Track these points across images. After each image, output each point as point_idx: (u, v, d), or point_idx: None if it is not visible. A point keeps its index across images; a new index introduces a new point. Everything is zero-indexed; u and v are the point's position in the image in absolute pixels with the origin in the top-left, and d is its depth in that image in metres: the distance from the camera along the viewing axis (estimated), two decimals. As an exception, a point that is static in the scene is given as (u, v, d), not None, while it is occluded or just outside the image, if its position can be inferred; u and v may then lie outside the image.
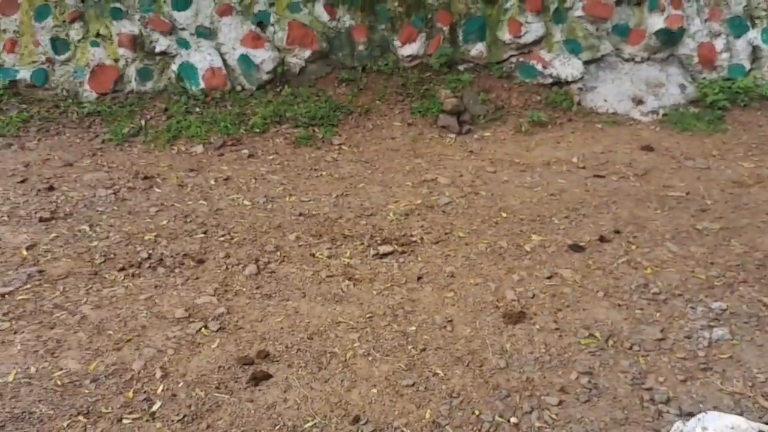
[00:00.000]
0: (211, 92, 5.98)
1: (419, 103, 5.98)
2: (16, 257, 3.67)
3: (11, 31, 6.03)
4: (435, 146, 5.45)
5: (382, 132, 5.69)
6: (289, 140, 5.45)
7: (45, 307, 3.20)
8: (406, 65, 6.36)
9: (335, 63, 6.36)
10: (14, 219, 4.11)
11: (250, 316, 3.15)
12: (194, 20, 6.08)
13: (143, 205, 4.33)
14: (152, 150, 5.26)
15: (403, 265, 3.61)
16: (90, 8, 6.02)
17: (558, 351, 2.89)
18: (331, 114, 5.79)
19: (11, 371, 2.73)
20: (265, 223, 4.09)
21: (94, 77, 5.96)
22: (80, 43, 6.02)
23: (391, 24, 6.33)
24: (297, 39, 6.18)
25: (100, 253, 3.72)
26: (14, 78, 5.95)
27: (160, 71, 6.07)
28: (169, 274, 3.52)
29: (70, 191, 4.52)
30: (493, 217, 4.18)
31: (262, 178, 4.77)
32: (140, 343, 2.94)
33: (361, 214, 4.21)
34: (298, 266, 3.59)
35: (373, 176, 4.85)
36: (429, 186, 4.67)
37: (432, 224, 4.08)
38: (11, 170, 4.85)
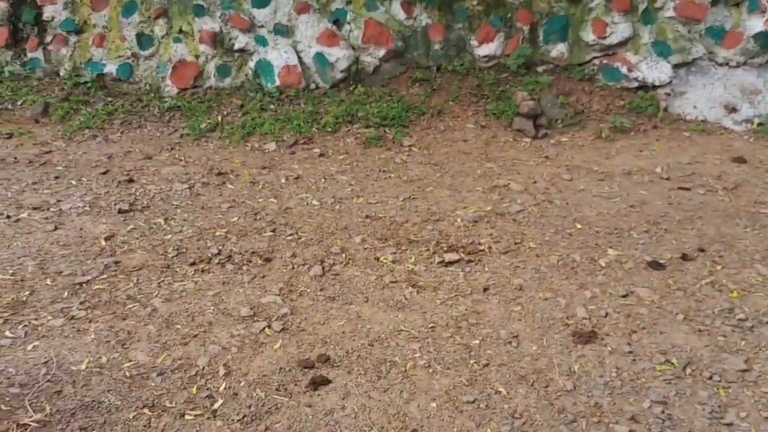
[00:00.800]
0: (286, 90, 6.05)
1: (494, 105, 5.83)
2: (95, 247, 3.83)
3: (100, 26, 6.32)
4: (508, 150, 5.29)
5: (454, 134, 5.58)
6: (359, 140, 5.44)
7: (119, 298, 3.32)
8: (482, 66, 6.22)
9: (409, 62, 6.30)
10: (95, 209, 4.30)
11: (313, 318, 3.15)
12: (272, 18, 6.17)
13: (216, 200, 4.43)
14: (227, 146, 5.38)
15: (469, 274, 3.52)
16: (174, 5, 6.22)
17: (630, 376, 2.72)
18: (403, 114, 5.74)
19: (84, 359, 2.84)
20: (332, 223, 4.09)
21: (176, 73, 6.16)
22: (164, 39, 6.24)
23: (468, 23, 6.20)
24: (372, 38, 6.16)
25: (173, 246, 3.83)
26: (101, 71, 6.24)
27: (237, 68, 6.20)
28: (236, 271, 3.58)
29: (149, 184, 4.68)
30: (566, 227, 4.01)
31: (332, 178, 4.78)
32: (206, 339, 3.00)
33: (428, 219, 4.14)
34: (362, 270, 3.56)
35: (443, 180, 4.77)
36: (500, 192, 4.54)
37: (501, 233, 3.95)
38: (95, 161, 5.09)
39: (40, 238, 3.92)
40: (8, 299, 3.28)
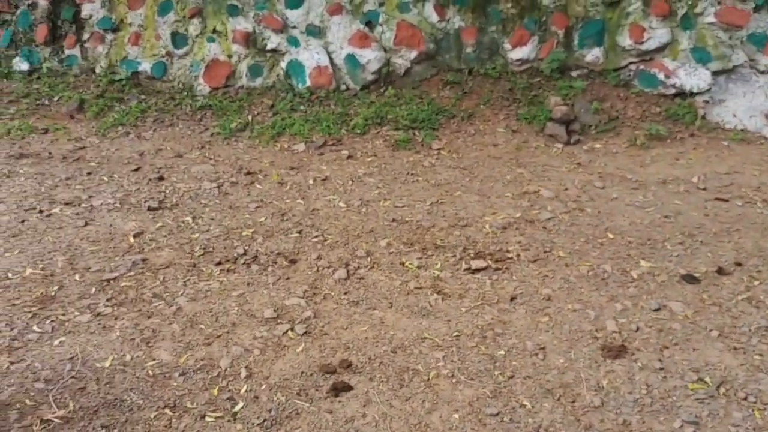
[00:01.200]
0: (317, 91, 6.06)
1: (526, 109, 5.74)
2: (124, 244, 3.86)
3: (136, 24, 6.41)
4: (540, 156, 5.20)
5: (485, 138, 5.51)
6: (388, 142, 5.40)
7: (145, 295, 3.34)
8: (515, 69, 6.13)
9: (441, 65, 6.25)
10: (126, 206, 4.35)
11: (336, 322, 3.12)
12: (305, 19, 6.18)
13: (244, 200, 4.44)
14: (257, 146, 5.40)
15: (496, 282, 3.45)
16: (209, 5, 6.27)
17: (661, 394, 2.63)
18: (433, 117, 5.69)
19: (109, 357, 2.86)
20: (358, 226, 4.07)
21: (209, 72, 6.21)
22: (198, 39, 6.30)
23: (502, 26, 6.12)
24: (404, 39, 6.12)
25: (200, 245, 3.84)
26: (136, 69, 6.33)
27: (269, 68, 6.23)
28: (262, 272, 3.57)
29: (178, 182, 4.72)
30: (598, 237, 3.92)
31: (359, 180, 4.75)
32: (229, 340, 2.99)
33: (456, 224, 4.08)
34: (387, 274, 3.53)
35: (471, 184, 4.70)
36: (530, 198, 4.45)
37: (530, 240, 3.88)
38: (127, 158, 5.15)
39: (70, 233, 3.98)
40: (38, 293, 3.32)
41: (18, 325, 3.04)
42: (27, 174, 4.87)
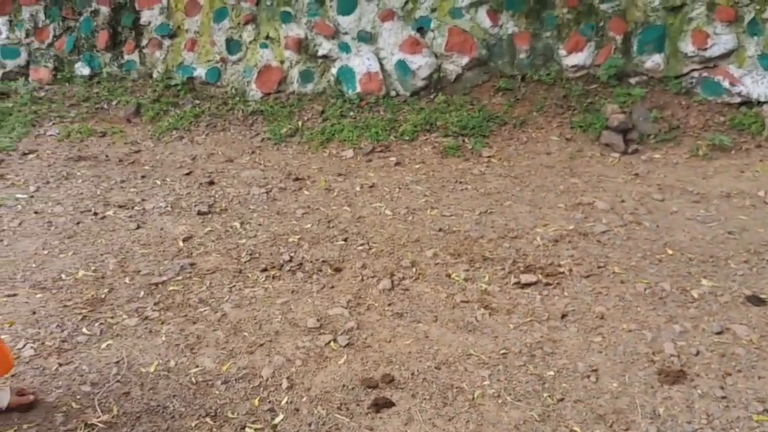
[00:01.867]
0: (367, 97, 6.03)
1: (581, 117, 5.56)
2: (173, 248, 3.91)
3: (193, 31, 6.54)
4: (595, 166, 5.02)
5: (537, 146, 5.36)
6: (437, 149, 5.32)
7: (191, 300, 3.36)
8: (570, 76, 5.96)
9: (493, 71, 6.13)
10: (176, 210, 4.41)
11: (380, 334, 3.06)
12: (357, 25, 6.17)
13: (291, 206, 4.44)
14: (306, 151, 5.41)
15: (546, 298, 3.33)
16: (263, 11, 6.34)
17: (722, 425, 2.46)
18: (484, 124, 5.57)
19: (154, 362, 2.88)
20: (404, 235, 4.00)
21: (261, 77, 6.28)
22: (251, 45, 6.37)
23: (557, 31, 5.96)
24: (456, 45, 6.03)
25: (246, 251, 3.86)
26: (191, 75, 6.46)
27: (320, 74, 6.24)
28: (306, 280, 3.55)
29: (228, 187, 4.76)
30: (656, 253, 3.73)
31: (406, 188, 4.69)
32: (271, 349, 2.97)
33: (505, 236, 3.96)
34: (433, 286, 3.45)
35: (522, 194, 4.57)
36: (584, 210, 4.29)
37: (584, 254, 3.73)
38: (180, 162, 5.24)
39: (122, 236, 4.06)
40: (89, 296, 3.39)
41: (68, 326, 3.10)
42: (84, 176, 5.01)
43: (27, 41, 6.83)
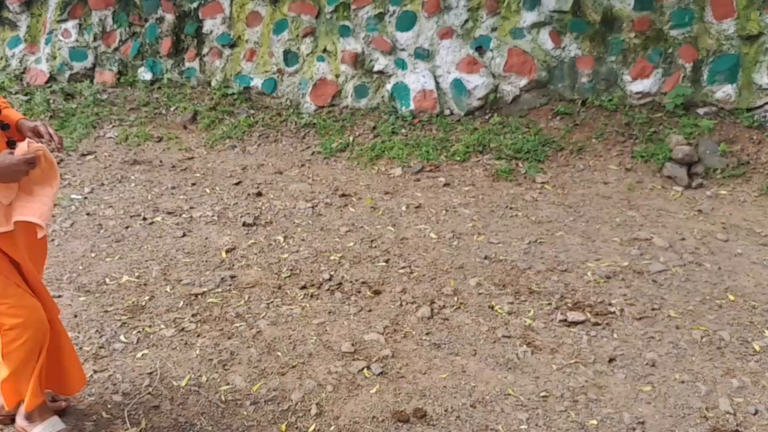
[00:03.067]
0: (420, 114, 5.96)
1: (643, 146, 5.32)
2: (216, 258, 3.92)
3: (252, 41, 6.62)
4: (655, 199, 4.78)
5: (594, 175, 5.16)
6: (488, 172, 5.19)
7: (228, 314, 3.34)
8: (633, 103, 5.72)
9: (552, 94, 5.95)
10: (222, 220, 4.43)
11: (415, 365, 2.96)
12: (414, 41, 6.11)
13: (335, 223, 4.39)
14: (354, 167, 5.37)
15: (594, 339, 3.15)
16: (322, 25, 6.37)
17: (784, 498, 2.24)
18: (539, 148, 5.41)
19: (186, 376, 2.85)
20: (448, 261, 3.88)
21: (316, 90, 6.29)
22: (308, 57, 6.40)
23: (622, 56, 5.74)
24: (515, 66, 5.90)
25: (287, 266, 3.82)
26: (248, 84, 6.53)
27: (375, 89, 6.21)
28: (344, 301, 3.48)
29: (275, 199, 4.76)
30: (716, 297, 3.49)
31: (453, 211, 4.57)
32: (303, 371, 2.91)
33: (554, 268, 3.80)
34: (474, 318, 3.31)
35: (575, 225, 4.39)
36: (641, 246, 4.08)
37: (637, 294, 3.52)
38: (230, 171, 5.28)
39: (168, 243, 4.09)
40: (130, 302, 3.41)
41: (107, 333, 3.12)
42: (137, 180, 5.11)
43: (94, 45, 7.07)
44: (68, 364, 2.40)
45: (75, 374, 2.43)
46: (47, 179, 2.14)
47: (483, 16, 6.00)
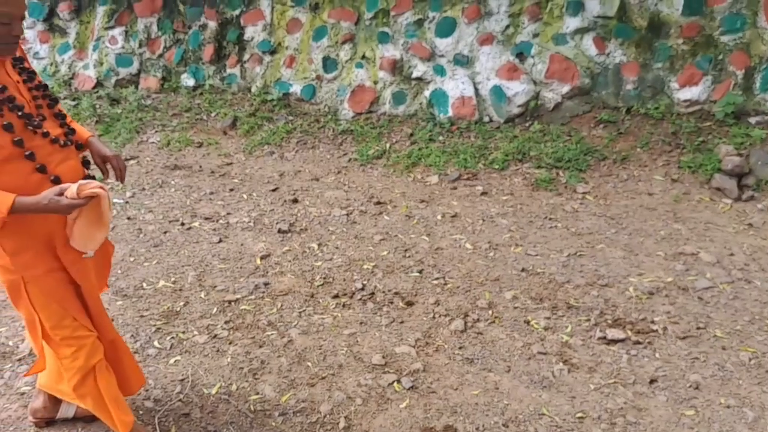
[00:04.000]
0: (458, 121, 5.88)
1: (690, 156, 5.12)
2: (251, 265, 3.93)
3: (292, 48, 6.67)
4: (702, 211, 4.59)
5: (638, 185, 4.99)
6: (527, 181, 5.07)
7: (260, 322, 3.34)
8: (681, 111, 5.52)
9: (596, 101, 5.80)
10: (258, 226, 4.45)
11: (446, 380, 2.89)
12: (454, 48, 6.04)
13: (370, 231, 4.36)
14: (390, 174, 5.33)
15: (634, 358, 3.02)
16: (361, 31, 6.36)
17: None
18: (581, 157, 5.26)
19: (216, 384, 2.86)
20: (483, 272, 3.80)
21: (354, 97, 6.28)
22: (347, 64, 6.40)
23: (670, 63, 5.55)
24: (557, 73, 5.77)
25: (321, 275, 3.81)
26: (287, 91, 6.58)
27: (413, 96, 6.17)
28: (376, 312, 3.44)
29: (311, 206, 4.76)
30: (766, 317, 3.32)
31: (490, 220, 4.48)
32: (333, 383, 2.88)
33: (594, 283, 3.67)
34: (509, 332, 3.23)
35: (617, 237, 4.25)
36: (686, 261, 3.91)
37: (681, 312, 3.38)
38: (268, 178, 5.31)
39: (204, 248, 4.13)
40: (165, 307, 3.45)
41: (142, 338, 3.16)
42: (177, 185, 5.18)
43: (140, 51, 7.24)
44: (128, 371, 2.42)
45: (134, 376, 2.46)
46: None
47: (524, 22, 5.89)
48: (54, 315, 2.12)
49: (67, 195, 1.84)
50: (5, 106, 1.92)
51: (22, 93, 2.01)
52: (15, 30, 1.89)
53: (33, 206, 1.84)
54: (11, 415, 2.71)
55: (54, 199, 1.83)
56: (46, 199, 1.83)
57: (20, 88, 2.01)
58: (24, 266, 2.04)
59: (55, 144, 2.01)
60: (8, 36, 1.88)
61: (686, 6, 5.46)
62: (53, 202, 1.84)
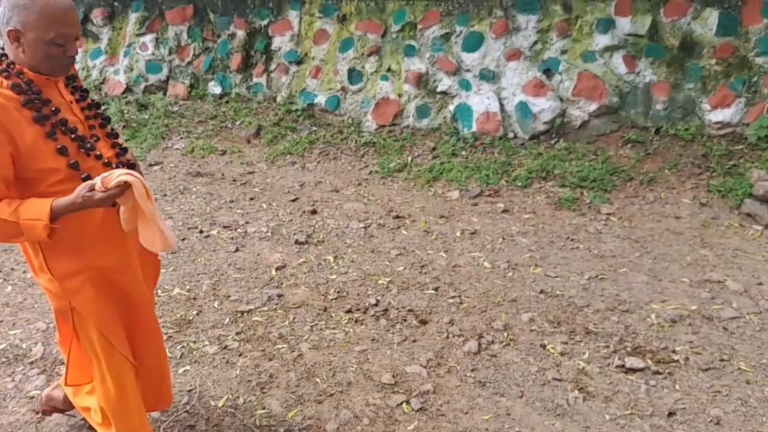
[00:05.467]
0: (482, 137, 5.82)
1: (721, 180, 4.98)
2: (266, 275, 3.91)
3: (318, 59, 6.68)
4: (731, 238, 4.45)
5: (665, 208, 4.86)
6: (551, 200, 4.98)
7: (272, 335, 3.31)
8: (712, 133, 5.38)
9: (624, 120, 5.68)
10: (276, 237, 4.43)
11: (457, 403, 2.82)
12: (480, 62, 5.99)
13: (387, 245, 4.31)
14: (410, 188, 5.28)
15: (653, 389, 2.92)
16: (387, 44, 6.35)
17: None
18: (606, 177, 5.15)
19: (224, 396, 2.83)
20: (501, 293, 3.72)
21: (378, 109, 6.26)
22: (372, 76, 6.39)
23: (702, 84, 5.42)
24: (584, 90, 5.67)
25: (335, 288, 3.77)
26: (312, 101, 6.58)
27: (437, 110, 6.12)
28: (389, 329, 3.38)
29: (329, 218, 4.73)
30: (795, 352, 3.18)
31: (510, 239, 4.40)
32: (341, 401, 2.83)
33: (615, 308, 3.57)
34: (524, 356, 3.14)
35: (641, 261, 4.13)
36: (712, 289, 3.78)
37: (705, 342, 3.25)
38: (288, 188, 5.30)
39: (221, 257, 4.13)
40: (178, 315, 3.44)
41: (152, 345, 3.15)
42: (198, 192, 5.21)
43: (169, 58, 7.33)
44: (162, 390, 2.41)
45: (166, 395, 2.44)
46: None
47: (553, 38, 5.82)
48: (93, 343, 2.10)
49: (96, 189, 1.79)
50: (59, 129, 1.90)
51: (75, 113, 1.99)
52: (70, 51, 1.86)
53: (70, 206, 1.80)
54: (19, 418, 2.72)
55: (86, 195, 1.79)
56: (79, 197, 1.79)
57: (73, 108, 1.99)
58: (73, 292, 2.01)
59: (107, 167, 1.97)
60: (63, 57, 1.86)
61: (720, 26, 5.33)
62: (86, 198, 1.79)
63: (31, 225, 1.78)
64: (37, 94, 1.87)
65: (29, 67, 1.86)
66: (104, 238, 2.02)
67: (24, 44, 1.81)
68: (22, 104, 1.83)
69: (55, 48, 1.82)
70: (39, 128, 1.85)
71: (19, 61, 1.86)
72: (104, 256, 2.03)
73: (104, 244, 2.03)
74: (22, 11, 1.76)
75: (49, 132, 1.86)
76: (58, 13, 1.78)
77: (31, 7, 1.76)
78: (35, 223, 1.78)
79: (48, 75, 1.89)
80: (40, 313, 3.50)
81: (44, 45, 1.80)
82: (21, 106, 1.83)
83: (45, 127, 1.86)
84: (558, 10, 5.80)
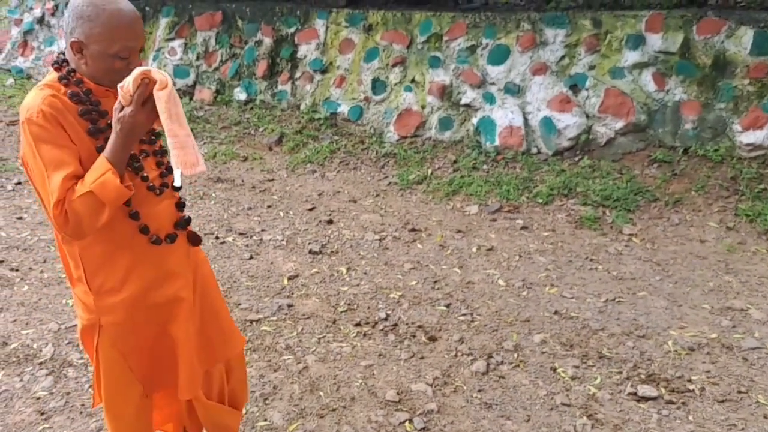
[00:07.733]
0: (504, 151, 5.74)
1: (749, 204, 4.82)
2: (277, 284, 3.90)
3: (343, 68, 6.70)
4: (757, 264, 4.30)
5: (690, 231, 4.72)
6: (571, 218, 4.88)
7: (278, 345, 3.29)
8: (742, 155, 5.22)
9: (651, 139, 5.56)
10: (290, 245, 4.42)
11: (461, 424, 2.76)
12: (506, 76, 5.93)
13: (401, 258, 4.27)
14: (429, 201, 5.23)
15: (665, 419, 2.81)
16: (412, 55, 6.33)
17: None
18: (630, 197, 5.03)
19: (225, 405, 2.81)
20: (513, 312, 3.65)
21: (400, 120, 6.24)
22: (396, 87, 6.38)
23: (734, 104, 5.27)
24: (611, 107, 5.57)
25: (345, 300, 3.74)
26: (335, 111, 6.59)
27: (460, 122, 6.07)
28: (397, 345, 3.34)
29: (344, 228, 4.71)
30: (819, 388, 3.04)
31: (527, 257, 4.32)
32: (343, 416, 2.79)
33: (630, 333, 3.46)
34: (533, 379, 3.07)
35: (661, 285, 4.01)
36: (734, 317, 3.65)
37: (723, 372, 3.13)
38: (306, 196, 5.30)
39: (235, 264, 4.13)
40: (186, 321, 3.44)
41: (158, 351, 3.15)
42: (218, 198, 5.24)
43: (197, 63, 7.43)
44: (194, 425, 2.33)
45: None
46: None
47: (581, 54, 5.73)
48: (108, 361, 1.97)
49: (123, 104, 1.65)
50: None
51: None
52: (132, 64, 1.74)
53: (115, 142, 1.66)
54: (24, 419, 2.74)
55: (119, 117, 1.64)
56: (117, 127, 1.65)
57: None
58: (107, 310, 1.88)
59: (150, 192, 1.86)
60: (126, 70, 1.69)
61: (755, 45, 5.18)
62: (122, 120, 1.64)
63: (100, 184, 1.65)
64: (95, 105, 1.77)
65: (90, 77, 1.76)
66: (147, 267, 1.91)
67: (87, 56, 1.72)
68: (80, 114, 1.73)
69: (118, 61, 1.72)
70: (93, 141, 1.75)
71: (81, 70, 1.76)
72: (146, 283, 1.91)
73: (147, 270, 1.91)
74: (87, 23, 1.67)
75: (99, 148, 1.74)
76: (124, 25, 1.69)
77: (96, 19, 1.67)
78: (103, 178, 1.65)
79: (108, 87, 1.78)
80: (54, 314, 3.54)
81: (108, 58, 1.71)
82: (78, 116, 1.73)
83: (98, 141, 1.75)
84: (587, 24, 5.72)
